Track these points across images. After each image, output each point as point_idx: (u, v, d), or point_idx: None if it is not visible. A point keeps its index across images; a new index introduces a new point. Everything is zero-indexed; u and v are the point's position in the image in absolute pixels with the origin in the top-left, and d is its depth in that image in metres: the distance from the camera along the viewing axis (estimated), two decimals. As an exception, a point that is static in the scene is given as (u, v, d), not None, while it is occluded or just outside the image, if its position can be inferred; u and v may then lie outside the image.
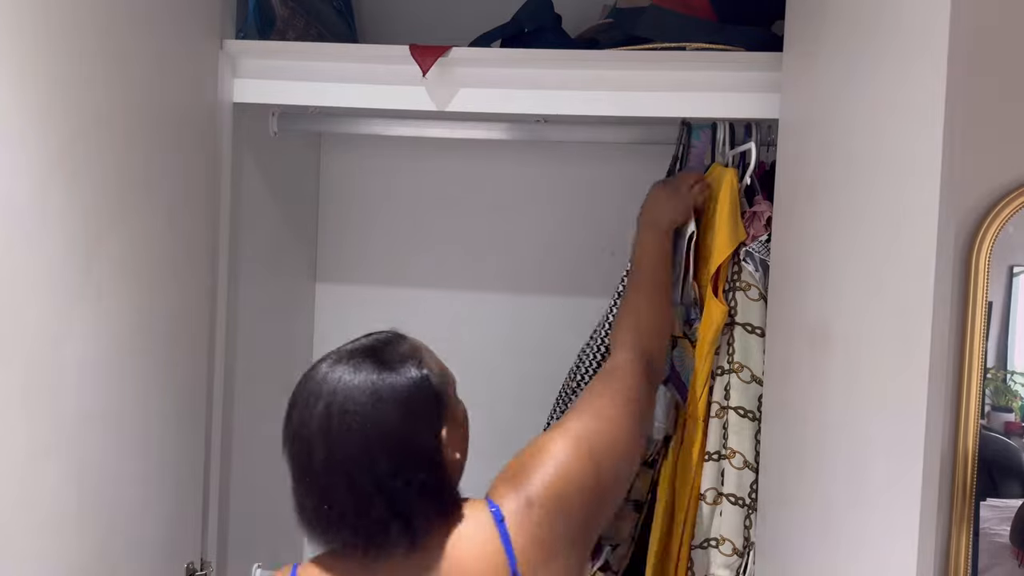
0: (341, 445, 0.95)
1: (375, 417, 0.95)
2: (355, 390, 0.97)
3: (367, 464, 0.95)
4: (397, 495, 0.95)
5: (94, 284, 1.18)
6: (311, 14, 1.73)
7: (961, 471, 1.23)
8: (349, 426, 0.95)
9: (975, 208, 1.22)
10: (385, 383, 0.97)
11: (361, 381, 0.97)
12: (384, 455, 0.95)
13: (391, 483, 0.95)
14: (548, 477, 1.02)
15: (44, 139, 1.08)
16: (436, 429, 1.00)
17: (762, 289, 1.39)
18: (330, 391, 0.97)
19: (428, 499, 0.97)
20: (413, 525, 0.96)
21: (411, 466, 0.96)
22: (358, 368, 0.99)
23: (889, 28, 0.94)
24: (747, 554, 1.38)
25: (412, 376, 0.99)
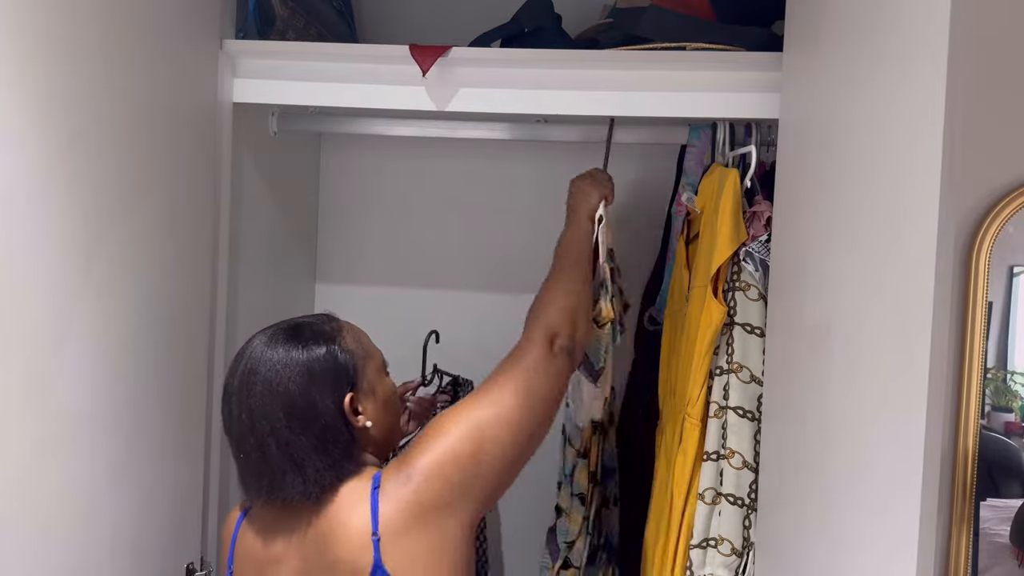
0: (247, 401, 1.12)
1: (276, 379, 1.12)
2: (265, 356, 1.13)
3: (267, 418, 1.11)
4: (292, 446, 1.11)
5: (94, 284, 1.18)
6: (311, 14, 1.73)
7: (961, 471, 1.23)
8: (255, 385, 1.12)
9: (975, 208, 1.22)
10: (290, 354, 1.13)
11: (270, 350, 1.14)
12: (282, 411, 1.11)
13: (287, 435, 1.11)
14: (431, 454, 1.12)
15: (44, 139, 1.08)
16: (337, 396, 1.14)
17: (762, 289, 1.39)
18: (247, 357, 1.15)
19: (322, 453, 1.11)
20: (306, 474, 1.11)
21: (306, 422, 1.11)
22: (273, 340, 1.16)
23: (889, 28, 0.94)
24: (746, 554, 1.38)
25: (317, 350, 1.15)
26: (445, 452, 1.12)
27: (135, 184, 1.27)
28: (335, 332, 1.19)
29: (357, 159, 2.13)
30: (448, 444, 1.13)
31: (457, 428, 1.15)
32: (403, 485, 1.10)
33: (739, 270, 1.40)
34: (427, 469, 1.11)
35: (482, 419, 1.16)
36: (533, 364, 1.24)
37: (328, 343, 1.16)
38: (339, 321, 1.23)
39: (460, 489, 1.12)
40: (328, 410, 1.13)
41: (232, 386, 1.15)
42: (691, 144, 1.58)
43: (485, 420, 1.16)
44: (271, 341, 1.15)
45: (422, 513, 1.10)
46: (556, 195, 2.08)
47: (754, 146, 1.44)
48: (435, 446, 1.13)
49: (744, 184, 1.44)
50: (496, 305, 2.10)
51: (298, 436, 1.11)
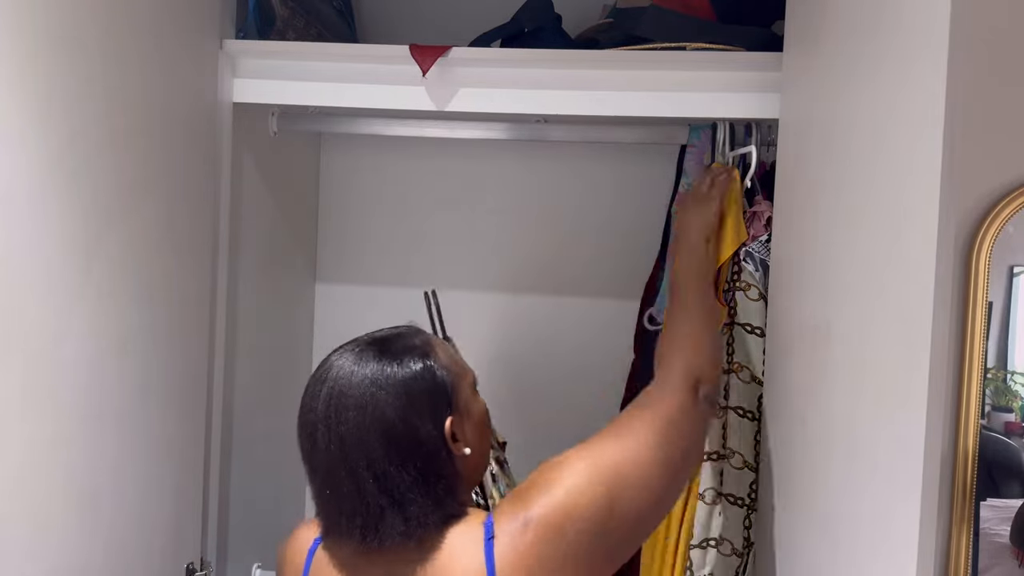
0: (338, 429, 0.98)
1: (372, 403, 0.98)
2: (355, 376, 1.00)
3: (362, 448, 0.97)
4: (392, 480, 0.97)
5: (94, 284, 1.18)
6: (311, 14, 1.73)
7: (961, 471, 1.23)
8: (347, 410, 0.98)
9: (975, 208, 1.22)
10: (384, 372, 1.00)
11: (362, 368, 1.00)
12: (379, 440, 0.97)
13: (386, 467, 0.97)
14: (552, 501, 0.97)
15: (44, 139, 1.08)
16: (438, 420, 1.00)
17: (762, 289, 1.39)
18: (333, 377, 1.01)
19: (426, 488, 0.98)
20: (408, 513, 0.97)
21: (406, 452, 0.97)
22: (362, 356, 1.02)
23: (889, 28, 0.94)
24: (747, 554, 1.38)
25: (414, 367, 1.01)
26: (573, 501, 0.96)
27: (135, 184, 1.27)
28: (427, 346, 1.04)
29: (357, 159, 2.13)
30: (575, 491, 0.97)
31: (585, 474, 0.98)
32: (520, 535, 0.95)
33: (739, 270, 1.40)
34: (551, 519, 0.95)
35: (616, 469, 0.99)
36: (675, 414, 1.07)
37: (423, 358, 1.02)
38: (426, 333, 1.09)
39: (584, 547, 0.96)
40: (430, 437, 0.99)
41: (316, 411, 1.00)
42: (691, 144, 1.58)
43: (619, 470, 0.99)
44: (359, 359, 1.01)
45: (540, 569, 0.95)
46: (556, 195, 2.09)
47: (754, 146, 1.44)
48: (558, 491, 0.97)
49: (744, 184, 1.44)
50: (496, 305, 2.10)
51: (398, 469, 0.96)
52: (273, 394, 1.92)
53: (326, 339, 2.02)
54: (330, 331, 2.09)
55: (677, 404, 1.08)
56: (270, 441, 1.83)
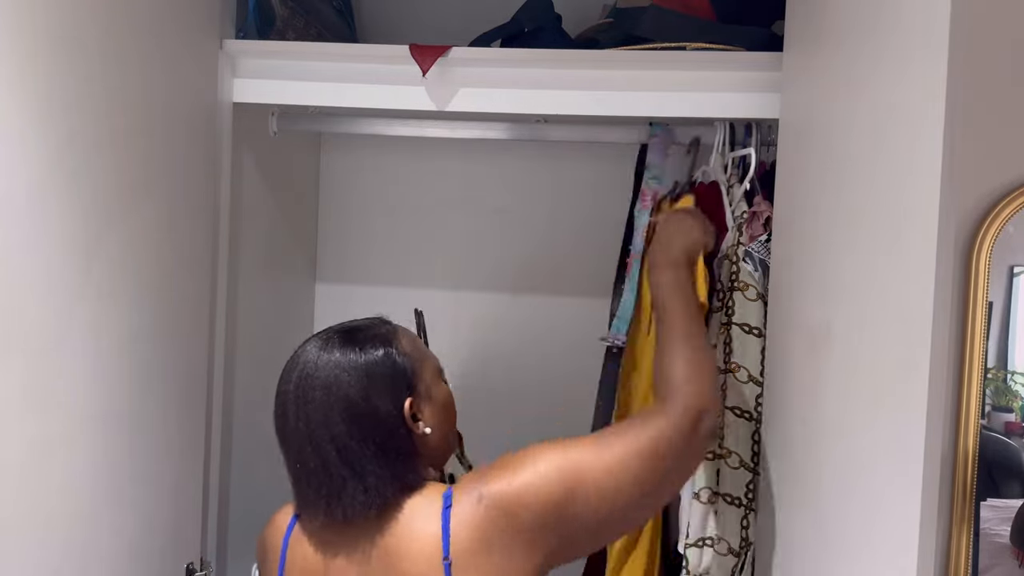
0: (305, 410, 1.07)
1: (335, 383, 1.06)
2: (321, 360, 1.09)
3: (327, 425, 1.06)
4: (352, 454, 1.05)
5: (94, 284, 1.18)
6: (311, 14, 1.73)
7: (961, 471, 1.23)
8: (313, 390, 1.07)
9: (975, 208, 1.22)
10: (347, 357, 1.08)
11: (329, 354, 1.09)
12: (341, 417, 1.05)
13: (347, 442, 1.05)
14: (512, 483, 1.02)
15: (43, 139, 1.08)
16: (397, 400, 1.08)
17: (760, 289, 1.39)
18: (303, 362, 1.10)
19: (383, 460, 1.05)
20: (368, 484, 1.04)
21: (367, 429, 1.05)
22: (328, 343, 1.11)
23: (889, 27, 0.94)
24: (744, 554, 1.38)
25: (375, 353, 1.09)
26: (531, 488, 1.01)
27: (134, 184, 1.27)
28: (391, 335, 1.13)
29: (357, 159, 2.13)
30: (537, 480, 1.01)
31: (553, 464, 1.02)
32: (474, 506, 1.01)
33: (737, 270, 1.40)
34: (503, 498, 1.01)
35: (585, 467, 1.03)
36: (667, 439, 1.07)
37: (385, 345, 1.10)
38: (393, 324, 1.17)
39: (532, 533, 1.01)
40: (389, 415, 1.07)
41: (288, 393, 1.10)
42: (653, 135, 1.59)
43: (588, 470, 1.02)
44: (326, 345, 1.10)
45: (493, 540, 1.00)
46: (556, 195, 2.09)
47: (754, 147, 1.44)
48: (521, 475, 1.02)
49: (743, 185, 1.44)
50: (496, 305, 2.10)
51: (359, 443, 1.05)
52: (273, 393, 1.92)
53: (326, 339, 2.02)
54: (330, 331, 2.09)
55: (672, 430, 1.08)
56: (270, 441, 1.82)
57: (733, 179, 1.48)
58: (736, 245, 1.42)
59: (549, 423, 1.87)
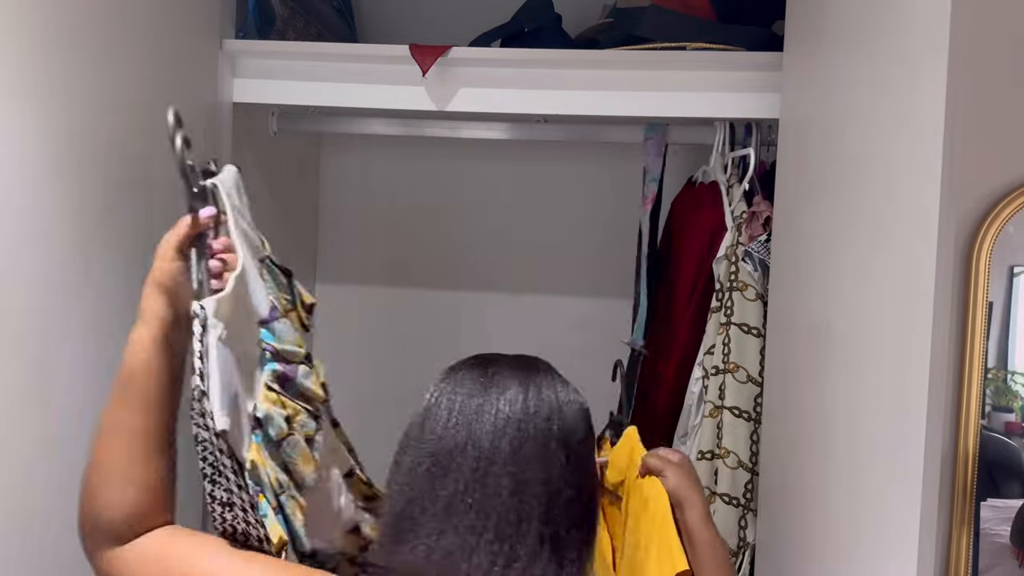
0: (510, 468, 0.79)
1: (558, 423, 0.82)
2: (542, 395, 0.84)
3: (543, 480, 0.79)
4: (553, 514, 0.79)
5: (93, 284, 1.18)
6: (311, 14, 1.73)
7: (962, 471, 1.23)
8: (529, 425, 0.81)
9: (975, 208, 1.22)
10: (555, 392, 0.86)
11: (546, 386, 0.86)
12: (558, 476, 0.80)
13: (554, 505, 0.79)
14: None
15: (43, 139, 1.07)
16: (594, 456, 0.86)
17: (760, 289, 1.39)
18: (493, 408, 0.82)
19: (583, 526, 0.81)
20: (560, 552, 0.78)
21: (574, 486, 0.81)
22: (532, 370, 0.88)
23: (890, 28, 0.94)
24: (742, 554, 1.39)
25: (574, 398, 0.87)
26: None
27: (135, 184, 1.27)
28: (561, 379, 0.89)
29: (357, 159, 2.13)
30: None
31: None
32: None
33: (737, 270, 1.40)
34: None
35: None
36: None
37: (572, 387, 0.88)
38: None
39: None
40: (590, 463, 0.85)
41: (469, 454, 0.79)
42: (647, 137, 1.59)
43: None
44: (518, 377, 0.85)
45: None
46: (556, 195, 2.09)
47: (753, 147, 1.45)
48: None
49: (743, 185, 1.44)
50: (496, 305, 2.10)
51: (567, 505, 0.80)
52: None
53: (326, 339, 2.02)
54: (330, 331, 2.09)
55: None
56: (270, 441, 1.82)
57: (733, 179, 1.49)
58: (735, 245, 1.42)
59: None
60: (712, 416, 1.41)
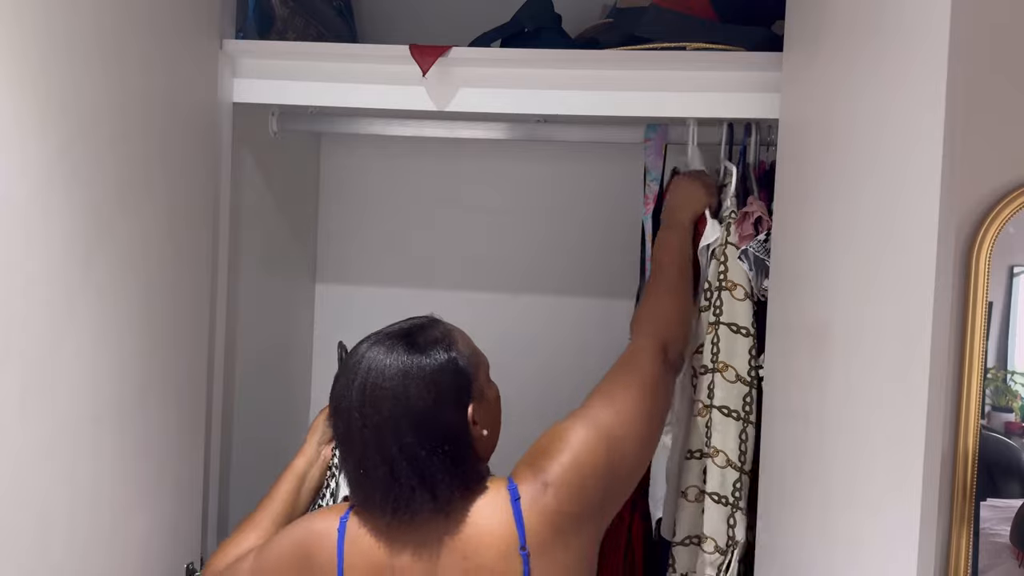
0: (373, 418, 1.07)
1: (403, 393, 1.07)
2: (387, 369, 1.08)
3: (396, 435, 1.06)
4: (423, 463, 1.06)
5: (93, 284, 1.18)
6: (311, 14, 1.73)
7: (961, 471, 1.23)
8: (381, 401, 1.07)
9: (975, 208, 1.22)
10: (413, 363, 1.08)
11: (392, 361, 1.09)
12: (411, 427, 1.06)
13: (418, 452, 1.06)
14: (564, 462, 1.10)
15: (43, 139, 1.07)
16: (462, 406, 1.10)
17: (750, 289, 1.39)
18: (365, 369, 1.09)
19: (452, 469, 1.07)
20: (437, 492, 1.06)
21: (436, 438, 1.07)
22: (391, 349, 1.10)
23: (890, 27, 0.94)
24: (730, 552, 1.39)
25: (439, 358, 1.09)
26: (581, 460, 1.10)
27: (134, 184, 1.27)
28: (450, 337, 1.14)
29: (357, 159, 2.13)
30: (582, 451, 1.11)
31: (587, 435, 1.12)
32: (542, 495, 1.08)
33: (725, 269, 1.40)
34: (566, 478, 1.09)
35: (611, 427, 1.14)
36: (650, 374, 1.22)
37: (447, 350, 1.11)
38: (447, 324, 1.19)
39: (596, 499, 1.11)
40: (455, 423, 1.09)
41: (351, 399, 1.10)
42: (647, 139, 1.59)
43: (613, 429, 1.14)
44: (390, 351, 1.10)
45: (564, 525, 1.08)
46: (556, 195, 2.09)
47: (753, 147, 1.45)
48: (567, 452, 1.11)
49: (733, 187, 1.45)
50: (496, 305, 2.10)
51: (427, 452, 1.06)
52: (273, 394, 1.92)
53: (326, 339, 2.02)
54: (330, 331, 2.09)
55: (650, 366, 1.23)
56: (270, 440, 1.83)
57: (727, 179, 1.49)
58: (724, 244, 1.42)
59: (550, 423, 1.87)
60: (701, 415, 1.41)
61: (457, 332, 1.17)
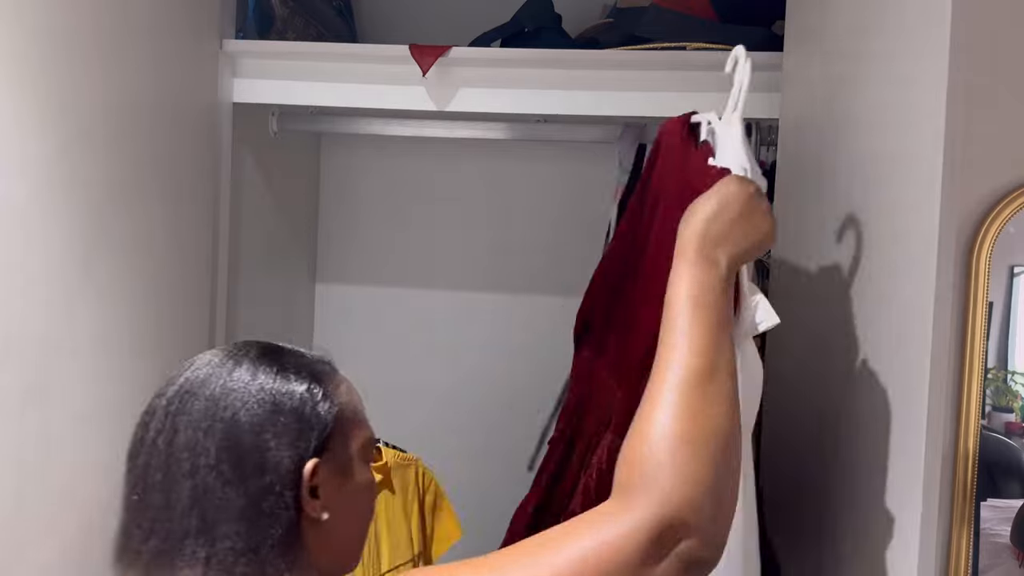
0: (175, 420, 0.78)
1: (223, 402, 0.77)
2: (220, 370, 0.80)
3: (194, 447, 0.75)
4: (210, 502, 0.74)
5: (94, 284, 1.18)
6: (310, 14, 1.73)
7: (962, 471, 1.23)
8: (196, 399, 0.78)
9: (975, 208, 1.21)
10: (256, 375, 0.79)
11: (233, 364, 0.80)
12: (216, 443, 0.75)
13: (210, 482, 0.74)
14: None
15: (43, 140, 1.07)
16: (296, 455, 0.76)
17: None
18: (197, 365, 0.82)
19: (247, 532, 0.73)
20: (215, 547, 0.73)
21: (242, 474, 0.74)
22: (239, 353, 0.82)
23: (890, 28, 0.94)
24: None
25: (297, 385, 0.79)
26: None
27: (134, 184, 1.27)
28: (327, 375, 0.83)
29: (357, 159, 2.13)
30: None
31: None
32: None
33: None
34: None
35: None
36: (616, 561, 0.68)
37: (313, 381, 0.80)
38: (337, 370, 0.86)
39: None
40: (278, 468, 0.75)
41: (163, 396, 0.81)
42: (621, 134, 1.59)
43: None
44: (235, 354, 0.82)
45: None
46: (556, 195, 2.08)
47: (753, 147, 1.45)
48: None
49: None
50: (496, 305, 2.10)
51: (224, 488, 0.74)
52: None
53: (325, 339, 2.02)
54: (329, 331, 2.09)
55: (623, 549, 0.68)
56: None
57: None
58: None
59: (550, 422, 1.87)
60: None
61: (345, 382, 0.85)
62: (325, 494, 0.77)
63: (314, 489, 0.77)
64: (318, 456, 0.77)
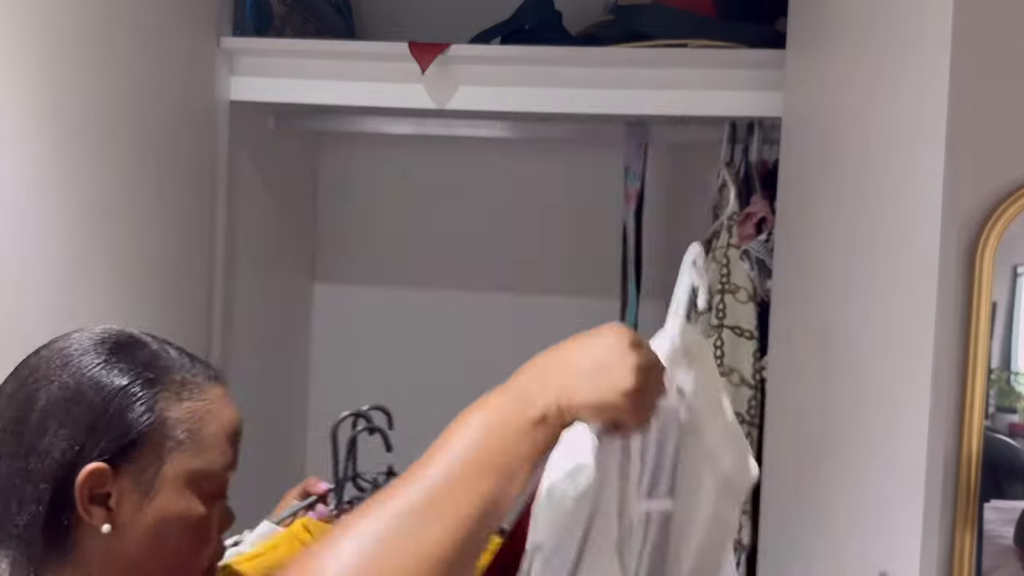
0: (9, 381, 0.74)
1: (32, 376, 0.73)
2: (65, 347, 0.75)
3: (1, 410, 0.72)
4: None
5: (91, 282, 1.17)
6: (308, 11, 1.72)
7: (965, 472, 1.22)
8: (20, 369, 0.75)
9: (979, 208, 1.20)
10: (85, 356, 0.73)
11: (80, 346, 0.74)
12: (11, 412, 0.71)
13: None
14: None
15: (40, 137, 1.07)
16: (74, 451, 0.69)
17: (752, 291, 1.38)
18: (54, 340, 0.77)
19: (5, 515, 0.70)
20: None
21: (16, 450, 0.70)
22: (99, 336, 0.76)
23: (892, 26, 0.93)
24: (738, 555, 1.38)
25: (116, 378, 0.72)
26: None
27: (131, 182, 1.26)
28: (172, 383, 0.74)
29: (356, 158, 2.12)
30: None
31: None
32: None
33: (728, 272, 1.39)
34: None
35: None
36: None
37: (141, 385, 0.72)
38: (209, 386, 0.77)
39: None
40: (46, 456, 0.69)
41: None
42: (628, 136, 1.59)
43: None
44: (106, 334, 0.76)
45: None
46: (556, 193, 2.08)
47: (755, 146, 1.44)
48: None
49: (735, 187, 1.44)
50: (496, 304, 2.09)
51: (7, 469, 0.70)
52: (270, 394, 1.91)
53: (324, 339, 2.01)
54: (328, 331, 2.09)
55: None
56: (268, 441, 1.82)
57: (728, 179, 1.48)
58: (727, 247, 1.41)
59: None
60: None
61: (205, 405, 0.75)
62: (119, 508, 0.70)
63: (101, 496, 0.69)
64: (115, 463, 0.70)
